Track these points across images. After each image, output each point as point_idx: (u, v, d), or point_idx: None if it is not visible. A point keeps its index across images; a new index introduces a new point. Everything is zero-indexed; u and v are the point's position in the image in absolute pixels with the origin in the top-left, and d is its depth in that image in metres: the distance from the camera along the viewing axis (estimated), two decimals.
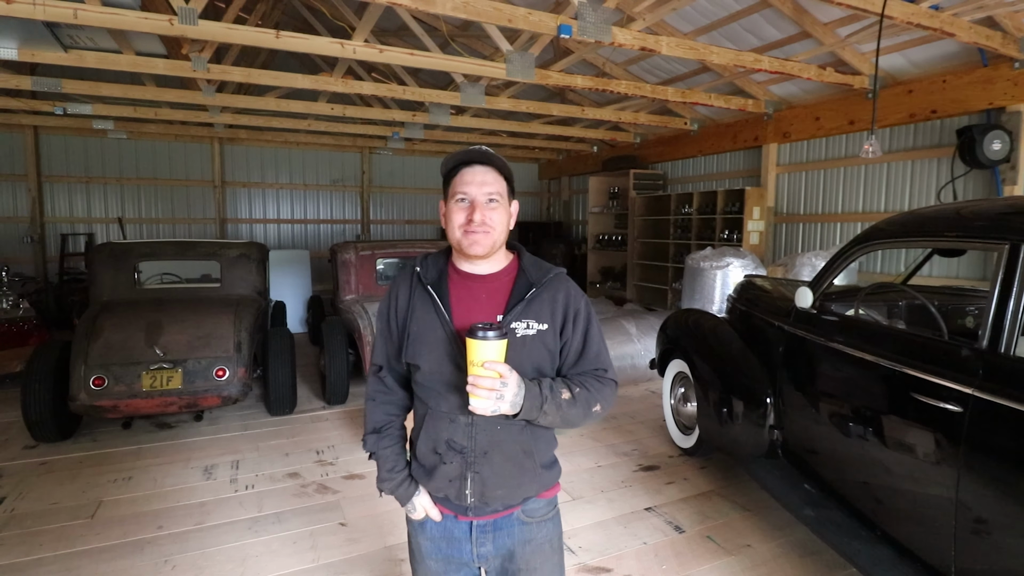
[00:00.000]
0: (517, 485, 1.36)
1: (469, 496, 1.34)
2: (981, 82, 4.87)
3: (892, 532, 2.23)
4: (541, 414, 1.26)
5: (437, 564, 1.43)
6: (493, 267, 1.40)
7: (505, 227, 1.36)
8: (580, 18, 4.20)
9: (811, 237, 6.78)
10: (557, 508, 1.50)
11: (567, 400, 1.29)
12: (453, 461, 1.34)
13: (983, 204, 2.31)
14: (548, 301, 1.36)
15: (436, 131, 9.43)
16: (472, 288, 1.38)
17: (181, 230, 9.95)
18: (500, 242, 1.36)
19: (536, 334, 1.33)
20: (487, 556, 1.41)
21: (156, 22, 4.04)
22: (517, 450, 1.35)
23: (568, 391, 1.30)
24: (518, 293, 1.35)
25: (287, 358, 4.60)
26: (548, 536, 1.45)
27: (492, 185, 1.32)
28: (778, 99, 6.81)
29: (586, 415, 1.33)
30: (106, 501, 3.28)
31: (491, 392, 1.17)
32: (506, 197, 1.36)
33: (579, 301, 1.40)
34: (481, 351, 1.17)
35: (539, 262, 1.43)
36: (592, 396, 1.33)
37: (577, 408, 1.30)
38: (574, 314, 1.38)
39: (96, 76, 6.47)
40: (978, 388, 1.82)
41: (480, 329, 1.18)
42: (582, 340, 1.38)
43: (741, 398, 3.13)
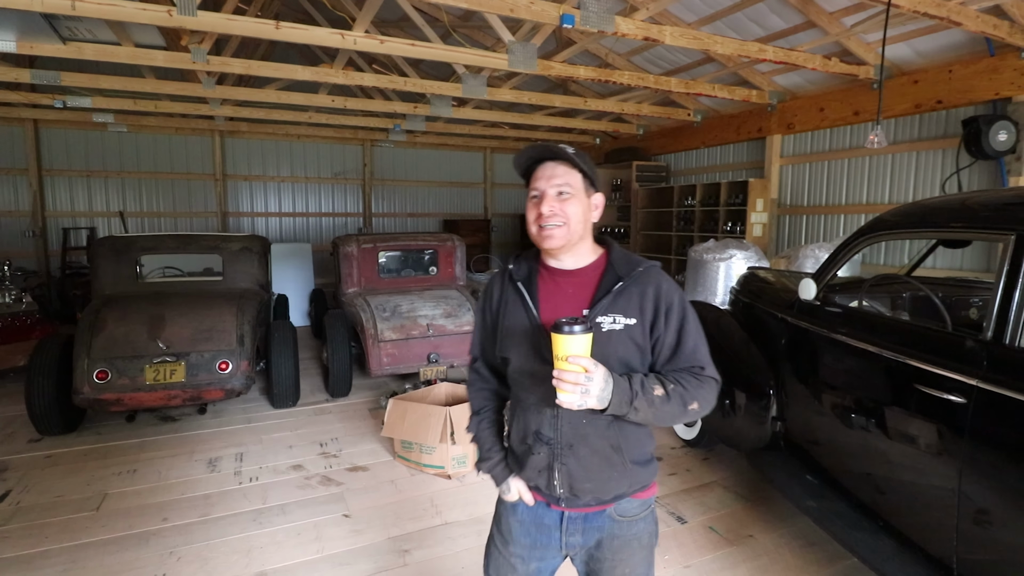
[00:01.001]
0: (606, 479, 1.37)
1: (558, 487, 1.38)
2: (988, 72, 4.83)
3: (894, 523, 2.23)
4: (631, 410, 1.24)
5: (523, 549, 1.46)
6: (580, 262, 1.41)
7: (581, 219, 1.36)
8: (583, 7, 4.16)
9: (815, 229, 6.75)
10: (652, 508, 1.47)
11: (660, 397, 1.26)
12: (541, 452, 1.38)
13: (988, 195, 2.30)
14: (637, 295, 1.34)
15: (438, 123, 9.39)
16: (560, 283, 1.41)
17: (182, 223, 9.94)
18: (577, 234, 1.36)
19: (623, 329, 1.31)
20: (576, 546, 1.44)
21: (155, 13, 4.02)
22: (604, 445, 1.35)
23: (662, 388, 1.27)
24: (604, 287, 1.35)
25: (290, 351, 4.61)
26: (639, 533, 1.44)
27: (561, 177, 1.34)
28: (782, 90, 6.76)
29: (683, 413, 1.29)
30: (111, 494, 3.30)
31: (575, 386, 1.18)
32: (581, 189, 1.36)
33: (672, 296, 1.35)
34: (565, 345, 1.19)
35: (629, 256, 1.41)
36: (689, 394, 1.28)
37: (672, 406, 1.27)
38: (666, 309, 1.33)
39: (95, 68, 6.45)
40: (982, 379, 1.81)
41: (564, 324, 1.19)
42: (676, 336, 1.33)
43: (744, 390, 3.13)
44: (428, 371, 4.93)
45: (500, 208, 12.40)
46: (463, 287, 6.06)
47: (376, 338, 4.86)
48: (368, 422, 4.44)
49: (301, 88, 7.19)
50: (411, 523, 3.00)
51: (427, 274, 6.03)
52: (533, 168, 1.38)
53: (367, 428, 4.32)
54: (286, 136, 10.33)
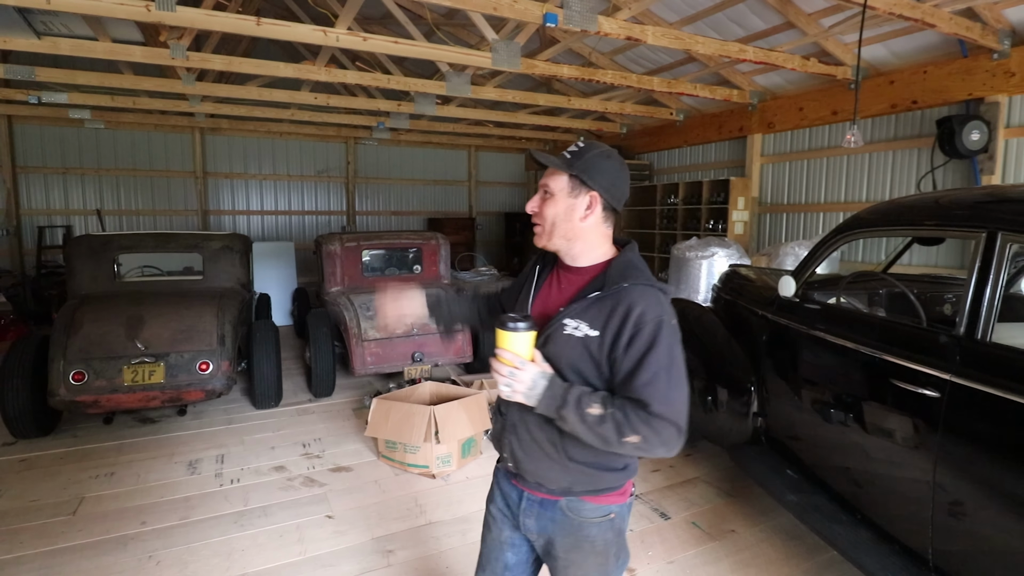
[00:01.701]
0: (545, 469, 1.39)
1: (508, 460, 1.46)
2: (961, 73, 4.93)
3: (872, 516, 2.28)
4: (559, 417, 1.25)
5: (498, 513, 1.54)
6: (582, 261, 1.42)
7: (562, 219, 1.37)
8: (566, 7, 4.17)
9: (795, 227, 6.84)
10: (611, 518, 1.41)
11: (594, 416, 1.22)
12: (498, 421, 1.52)
13: (961, 193, 2.35)
14: (609, 309, 1.28)
15: (422, 121, 9.35)
16: (560, 279, 1.46)
17: (162, 222, 9.78)
18: (560, 234, 1.39)
19: (582, 337, 1.29)
20: (531, 530, 1.47)
21: (132, 8, 3.94)
22: (542, 436, 1.37)
23: (601, 408, 1.23)
24: (585, 292, 1.35)
25: (272, 351, 4.56)
26: (591, 536, 1.40)
27: (546, 178, 1.40)
28: (762, 89, 6.84)
29: (617, 442, 1.22)
30: (88, 497, 3.24)
31: (501, 378, 1.28)
32: (564, 190, 1.37)
33: (646, 321, 1.25)
34: (500, 338, 1.28)
35: (629, 268, 1.34)
36: (629, 425, 1.21)
37: (604, 428, 1.22)
38: (633, 332, 1.25)
39: (71, 64, 6.30)
40: (955, 374, 1.85)
41: (507, 319, 1.28)
42: (634, 363, 1.25)
43: (725, 386, 3.16)
44: (412, 370, 4.91)
45: (485, 206, 12.38)
46: (448, 285, 6.04)
47: (360, 337, 4.83)
48: (352, 422, 4.41)
49: (283, 85, 7.11)
50: (395, 523, 2.99)
51: (411, 273, 6.01)
52: None
53: (351, 428, 4.29)
54: (268, 133, 10.20)
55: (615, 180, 1.38)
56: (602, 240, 1.42)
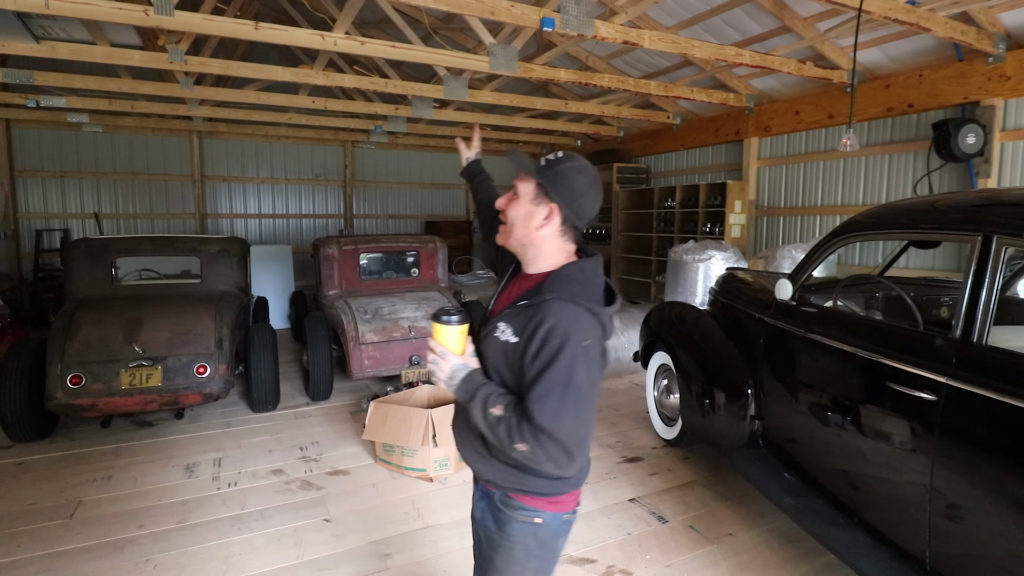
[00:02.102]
0: (474, 460, 1.45)
1: (454, 445, 1.56)
2: (956, 76, 4.96)
3: (869, 519, 2.28)
4: (469, 412, 1.33)
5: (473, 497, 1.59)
6: (534, 269, 1.43)
7: (520, 223, 1.40)
8: (563, 11, 4.19)
9: (791, 230, 6.86)
10: (539, 524, 1.39)
11: (495, 416, 1.26)
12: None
13: (957, 196, 2.36)
14: (529, 318, 1.28)
15: (419, 124, 9.36)
16: (516, 283, 1.49)
17: (160, 225, 9.77)
18: (516, 237, 1.41)
19: (504, 342, 1.32)
20: (478, 522, 1.50)
21: (131, 12, 3.95)
22: (471, 427, 1.40)
23: (503, 411, 1.26)
24: (520, 298, 1.37)
25: (269, 354, 4.56)
26: (513, 537, 1.40)
27: (518, 179, 1.42)
28: (759, 93, 6.86)
29: (509, 446, 1.25)
30: (85, 501, 3.23)
31: (430, 365, 1.37)
32: (528, 195, 1.39)
33: (552, 337, 1.23)
34: (434, 330, 1.39)
35: (562, 282, 1.32)
36: (517, 432, 1.22)
37: (500, 431, 1.25)
38: (540, 344, 1.24)
39: (70, 68, 6.30)
40: (951, 377, 1.86)
41: (441, 312, 1.38)
42: (534, 375, 1.24)
43: (723, 389, 3.17)
44: (410, 373, 4.91)
45: None
46: (445, 288, 6.04)
47: (357, 340, 4.83)
48: (349, 425, 4.41)
49: (281, 89, 7.11)
50: (393, 527, 2.99)
51: (409, 276, 6.01)
52: None
53: (348, 431, 4.29)
54: (266, 137, 10.20)
55: (580, 197, 1.35)
56: (556, 252, 1.39)
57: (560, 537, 1.45)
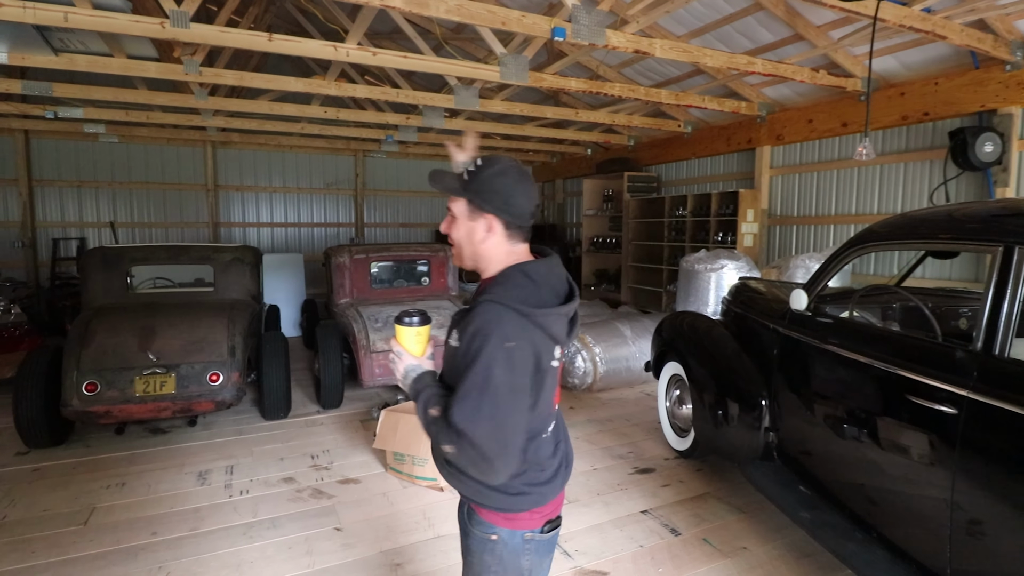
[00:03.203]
0: (440, 465, 1.43)
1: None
2: (973, 84, 4.91)
3: (887, 534, 2.24)
4: (416, 408, 1.35)
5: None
6: (485, 274, 1.43)
7: (465, 242, 1.38)
8: (574, 21, 4.20)
9: (805, 239, 6.80)
10: (492, 540, 1.38)
11: (432, 416, 1.28)
12: None
13: (975, 206, 2.33)
14: (466, 323, 1.29)
15: (430, 134, 9.42)
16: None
17: (174, 234, 9.89)
18: (465, 255, 1.41)
19: (454, 347, 1.32)
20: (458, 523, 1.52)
21: (147, 25, 4.02)
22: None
23: (439, 411, 1.27)
24: (467, 304, 1.39)
25: (281, 362, 4.58)
26: (472, 550, 1.42)
27: (449, 201, 1.40)
28: (771, 101, 6.84)
29: (439, 446, 1.27)
30: (99, 507, 3.25)
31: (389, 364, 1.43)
32: (463, 214, 1.36)
33: (474, 335, 1.23)
34: (396, 332, 1.45)
35: (496, 285, 1.32)
36: (444, 433, 1.22)
37: (433, 431, 1.28)
38: (465, 348, 1.25)
39: (87, 79, 6.42)
40: (972, 390, 1.82)
41: (403, 314, 1.43)
42: (461, 374, 1.24)
43: (736, 400, 3.14)
44: None
45: None
46: (455, 297, 6.05)
47: (368, 349, 4.83)
48: (360, 434, 4.41)
49: (293, 99, 7.20)
50: (403, 536, 2.98)
51: (419, 284, 6.02)
52: None
53: (359, 440, 4.29)
54: (278, 147, 10.32)
55: (511, 199, 1.32)
56: (505, 257, 1.36)
57: (522, 556, 1.38)
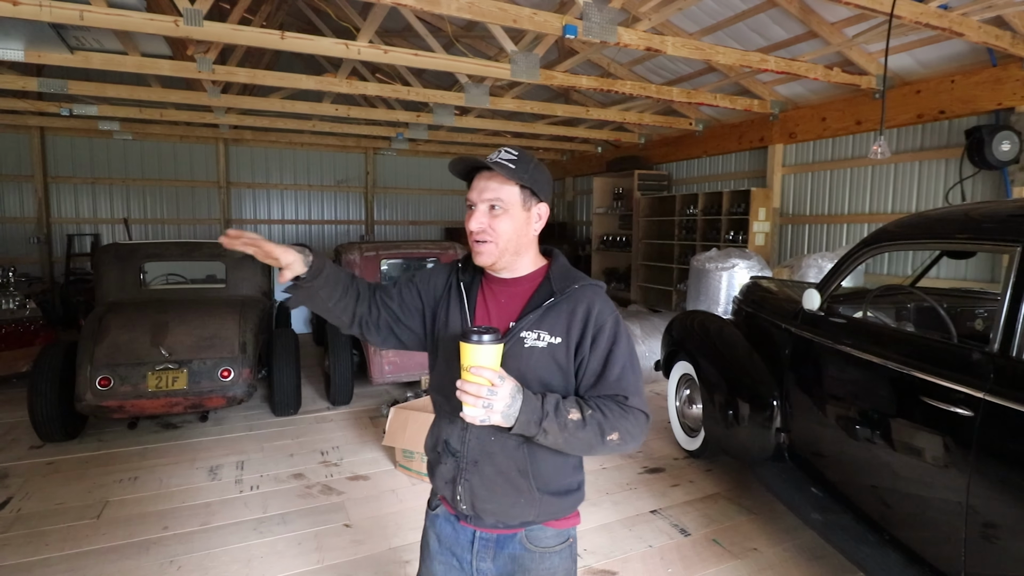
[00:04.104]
0: (510, 505, 1.29)
1: (461, 503, 1.31)
2: (990, 82, 4.84)
3: (901, 537, 2.21)
4: (540, 431, 1.16)
5: (442, 566, 1.38)
6: (517, 272, 1.36)
7: (514, 235, 1.29)
8: (585, 18, 4.18)
9: (817, 238, 6.74)
10: (570, 542, 1.37)
11: (575, 421, 1.17)
12: (448, 462, 1.33)
13: (993, 206, 2.29)
14: (567, 313, 1.27)
15: (440, 131, 9.43)
16: (496, 292, 1.36)
17: (186, 231, 9.98)
18: (510, 251, 1.30)
19: (546, 347, 1.26)
20: (486, 573, 1.34)
21: (161, 23, 4.05)
22: (510, 466, 1.27)
23: (579, 412, 1.18)
24: (535, 301, 1.29)
25: (292, 359, 4.61)
26: (552, 569, 1.34)
27: (493, 191, 1.27)
28: (784, 99, 6.77)
29: (600, 444, 1.20)
30: (112, 501, 3.29)
31: (477, 399, 1.11)
32: (516, 203, 1.28)
33: (605, 318, 1.27)
34: (471, 355, 1.13)
35: (569, 271, 1.35)
36: (608, 423, 1.19)
37: (587, 432, 1.18)
38: (595, 331, 1.26)
39: (102, 77, 6.49)
40: (989, 392, 1.80)
41: (472, 332, 1.13)
42: (602, 361, 1.25)
43: (747, 400, 3.11)
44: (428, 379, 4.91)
45: None
46: None
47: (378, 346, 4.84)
48: (369, 431, 4.42)
49: (305, 97, 7.23)
50: (412, 533, 2.98)
51: None
52: (473, 174, 1.33)
53: (368, 437, 4.30)
54: (289, 144, 10.38)
55: (551, 187, 1.39)
56: (536, 246, 1.38)
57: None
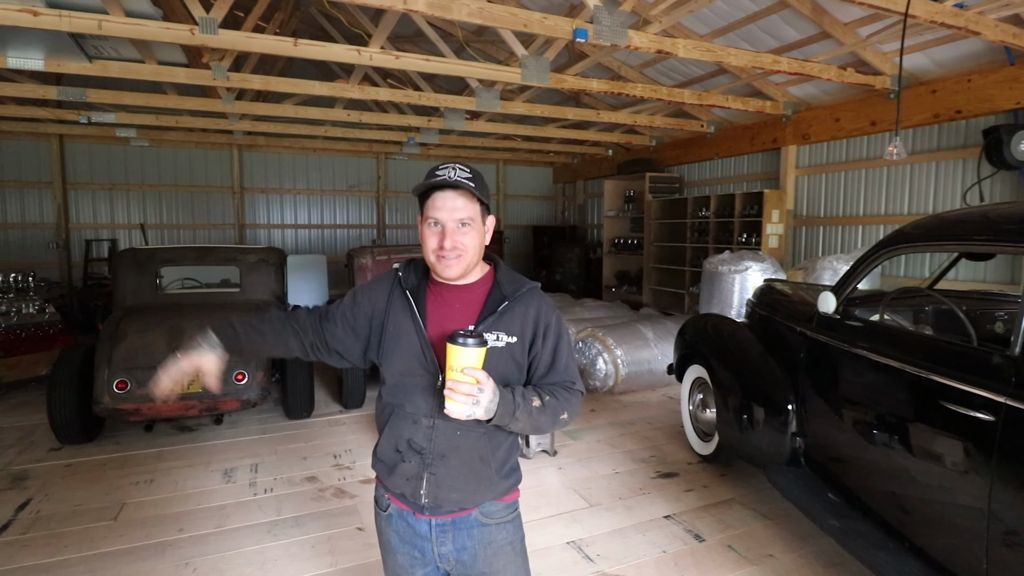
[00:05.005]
0: (472, 491, 1.40)
1: (423, 496, 1.39)
2: (1008, 81, 4.76)
3: (921, 544, 2.17)
4: (513, 420, 1.30)
5: (404, 559, 1.46)
6: (473, 278, 1.44)
7: (478, 248, 1.39)
8: (596, 22, 4.18)
9: (832, 240, 6.68)
10: (518, 512, 1.52)
11: (537, 407, 1.33)
12: (412, 460, 1.40)
13: (1012, 207, 2.26)
14: (520, 315, 1.40)
15: (451, 136, 9.47)
16: (447, 298, 1.43)
17: (201, 236, 10.10)
18: (474, 263, 1.40)
19: (505, 347, 1.37)
20: (448, 556, 1.44)
21: (177, 32, 4.11)
22: (474, 456, 1.39)
23: (538, 399, 1.35)
24: (491, 305, 1.39)
25: (305, 363, 4.63)
26: (509, 538, 1.47)
27: (463, 210, 1.33)
28: (797, 100, 6.72)
29: (554, 422, 1.39)
30: (129, 503, 3.33)
31: (468, 397, 1.22)
32: (479, 218, 1.38)
33: (550, 316, 1.44)
34: (461, 357, 1.21)
35: (514, 276, 1.47)
36: (560, 405, 1.38)
37: (546, 415, 1.35)
38: (544, 329, 1.42)
39: (119, 85, 6.61)
40: (1011, 396, 1.76)
41: (461, 335, 1.22)
42: (551, 354, 1.42)
43: (762, 404, 3.08)
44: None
45: (512, 220, 12.43)
46: None
47: None
48: None
49: (318, 103, 7.31)
50: None
51: None
52: (429, 193, 1.36)
53: None
54: (302, 149, 10.48)
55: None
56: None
57: None
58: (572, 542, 2.93)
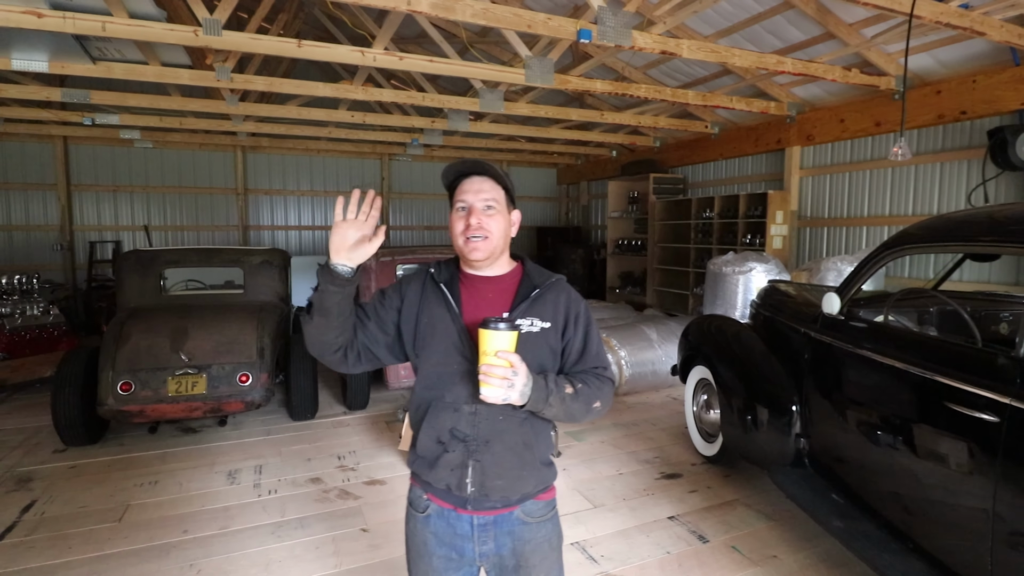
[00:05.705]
0: (517, 477, 1.41)
1: (469, 485, 1.39)
2: (1013, 82, 4.74)
3: (925, 545, 2.17)
4: (547, 406, 1.32)
5: (440, 561, 1.45)
6: (498, 271, 1.50)
7: (504, 234, 1.44)
8: (600, 23, 4.18)
9: (836, 241, 6.66)
10: (555, 509, 1.55)
11: (570, 394, 1.36)
12: (456, 449, 1.40)
13: (1017, 207, 2.25)
14: (551, 302, 1.46)
15: (455, 137, 9.48)
16: (480, 288, 1.47)
17: (205, 237, 10.12)
18: (500, 248, 1.44)
19: (540, 332, 1.42)
20: (488, 555, 1.45)
21: (181, 33, 4.13)
22: (518, 441, 1.41)
23: (571, 386, 1.37)
24: (523, 293, 1.45)
25: (309, 364, 4.64)
26: (547, 535, 1.49)
27: (488, 192, 1.41)
28: (801, 101, 6.71)
29: (587, 411, 1.41)
30: (133, 505, 3.34)
31: (503, 380, 1.24)
32: (504, 205, 1.45)
33: (579, 304, 1.50)
34: (494, 341, 1.24)
35: (541, 269, 1.54)
36: (593, 392, 1.40)
37: (579, 403, 1.37)
38: (575, 316, 1.47)
39: (123, 87, 6.63)
40: (1015, 397, 1.76)
41: (493, 320, 1.26)
42: (583, 340, 1.47)
43: (766, 405, 3.08)
44: None
45: None
46: None
47: None
48: (385, 435, 4.44)
49: (321, 104, 7.32)
50: None
51: None
52: (459, 181, 1.44)
53: (385, 441, 4.32)
54: (306, 151, 10.50)
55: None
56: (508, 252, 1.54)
57: None
58: (576, 543, 2.93)
